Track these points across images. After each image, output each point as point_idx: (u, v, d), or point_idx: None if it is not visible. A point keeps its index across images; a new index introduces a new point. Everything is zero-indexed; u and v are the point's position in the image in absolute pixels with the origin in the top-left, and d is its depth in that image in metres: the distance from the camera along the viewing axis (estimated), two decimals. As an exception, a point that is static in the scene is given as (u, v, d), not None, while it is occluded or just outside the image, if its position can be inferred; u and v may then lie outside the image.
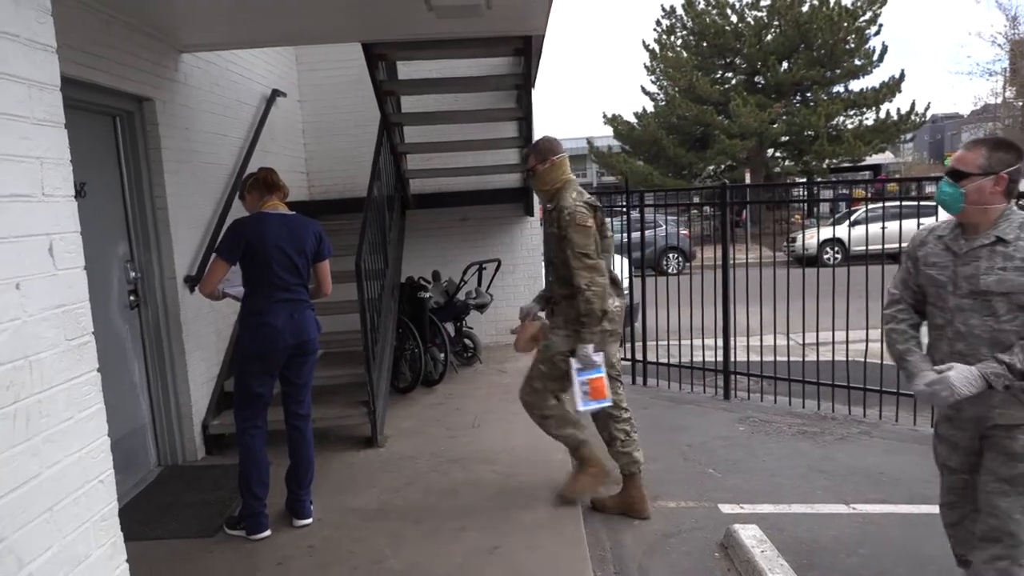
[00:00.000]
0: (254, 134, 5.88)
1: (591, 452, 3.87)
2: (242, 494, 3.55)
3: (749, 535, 3.41)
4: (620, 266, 7.87)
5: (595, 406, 3.64)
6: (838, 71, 22.25)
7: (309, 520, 3.66)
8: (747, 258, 6.05)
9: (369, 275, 4.92)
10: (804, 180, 20.74)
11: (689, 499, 4.09)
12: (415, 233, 7.34)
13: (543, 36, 5.02)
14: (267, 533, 3.55)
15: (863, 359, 5.63)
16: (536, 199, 7.41)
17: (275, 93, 6.44)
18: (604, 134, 26.48)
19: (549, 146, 3.73)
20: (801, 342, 6.17)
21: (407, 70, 6.54)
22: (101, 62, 3.87)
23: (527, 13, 4.42)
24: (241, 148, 5.69)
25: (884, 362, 5.45)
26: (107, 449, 2.01)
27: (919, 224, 2.88)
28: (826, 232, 15.95)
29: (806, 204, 15.73)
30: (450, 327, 6.72)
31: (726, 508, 3.96)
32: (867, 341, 5.51)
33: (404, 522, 3.63)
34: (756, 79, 23.49)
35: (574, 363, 3.57)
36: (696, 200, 10.27)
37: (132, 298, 4.30)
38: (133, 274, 4.34)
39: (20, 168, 1.73)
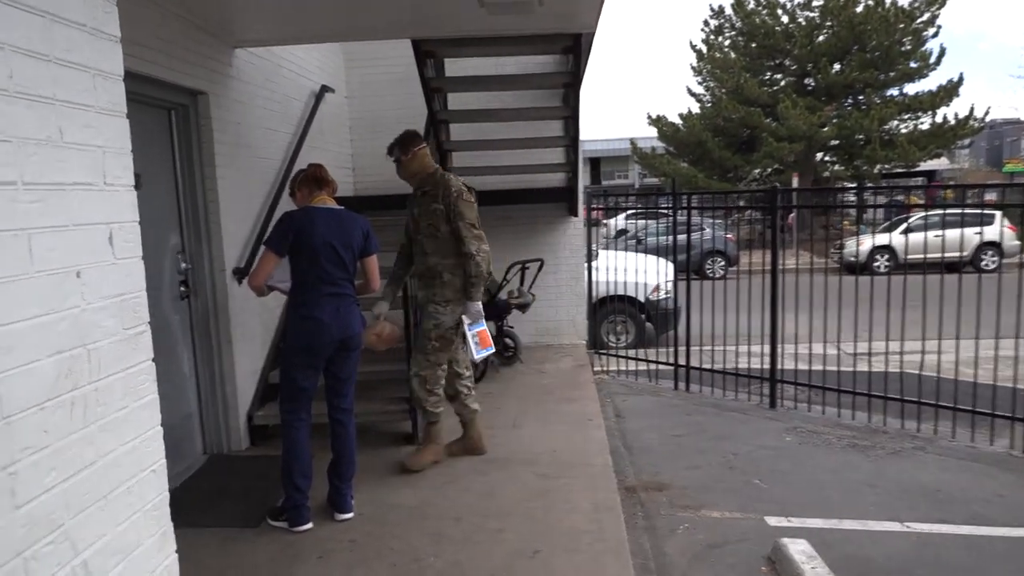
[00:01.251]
0: (303, 129, 5.94)
1: (439, 430, 4.40)
2: (285, 486, 3.56)
3: (798, 550, 3.30)
4: (664, 269, 7.78)
5: (486, 353, 4.30)
6: (893, 73, 21.64)
7: (350, 514, 3.67)
8: (797, 263, 5.89)
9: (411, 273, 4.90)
10: (854, 185, 20.20)
11: (734, 510, 3.99)
12: (459, 231, 7.33)
13: (593, 34, 4.95)
14: (309, 526, 3.55)
15: (918, 371, 5.43)
16: (581, 199, 7.34)
17: (324, 89, 6.49)
18: (648, 135, 26.23)
19: (412, 139, 4.21)
20: (850, 351, 6.00)
21: (454, 68, 6.52)
22: (158, 56, 3.93)
23: (578, 10, 4.36)
24: (290, 143, 5.74)
25: (940, 375, 5.31)
26: (160, 439, 2.02)
27: (976, 232, 2.74)
28: (877, 239, 15.53)
29: (857, 210, 15.31)
30: (491, 326, 6.68)
31: (773, 520, 3.85)
32: (923, 352, 5.31)
33: (444, 521, 3.60)
34: (806, 81, 23.01)
35: (466, 319, 4.15)
36: (743, 203, 10.08)
37: (183, 289, 4.37)
38: (184, 265, 4.40)
39: (83, 156, 1.74)
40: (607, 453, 4.50)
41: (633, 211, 14.98)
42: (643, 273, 7.48)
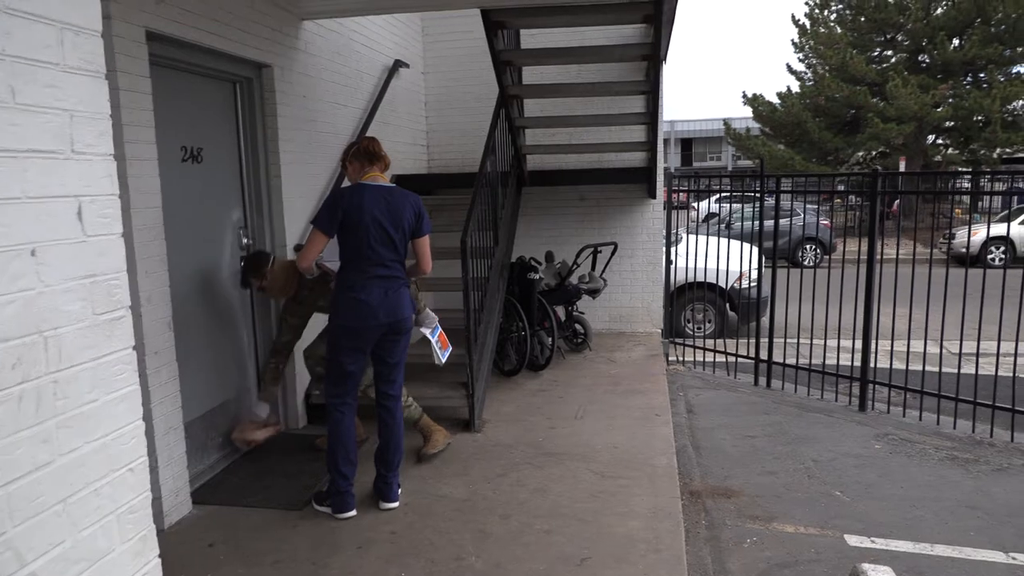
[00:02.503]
0: (373, 104, 5.83)
1: (427, 420, 4.22)
2: (329, 471, 3.47)
3: (881, 579, 2.93)
4: (749, 255, 7.31)
5: (448, 353, 4.14)
6: (1020, 49, 19.76)
7: (395, 504, 3.55)
8: (897, 253, 5.34)
9: (475, 253, 4.73)
10: (968, 170, 18.67)
11: (810, 524, 3.64)
12: (530, 211, 7.11)
13: (675, 2, 4.58)
14: (352, 513, 3.45)
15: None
16: (660, 180, 6.97)
17: (397, 64, 6.36)
18: (743, 115, 25.11)
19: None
20: (955, 351, 5.43)
21: (530, 41, 6.27)
22: (223, 28, 3.86)
23: (658, -26, 4.02)
24: (359, 118, 5.65)
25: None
26: (140, 434, 1.84)
27: None
28: (993, 229, 14.29)
29: (972, 197, 14.10)
30: (560, 311, 6.45)
31: (853, 540, 3.48)
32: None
33: (491, 517, 3.43)
34: (920, 57, 21.34)
35: (424, 330, 3.99)
36: (840, 188, 9.38)
37: (243, 264, 4.34)
38: (245, 240, 4.37)
39: (43, 120, 1.56)
40: (672, 452, 4.20)
41: (723, 194, 14.35)
42: (728, 260, 7.05)
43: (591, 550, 3.09)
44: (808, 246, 15.10)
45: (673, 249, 7.03)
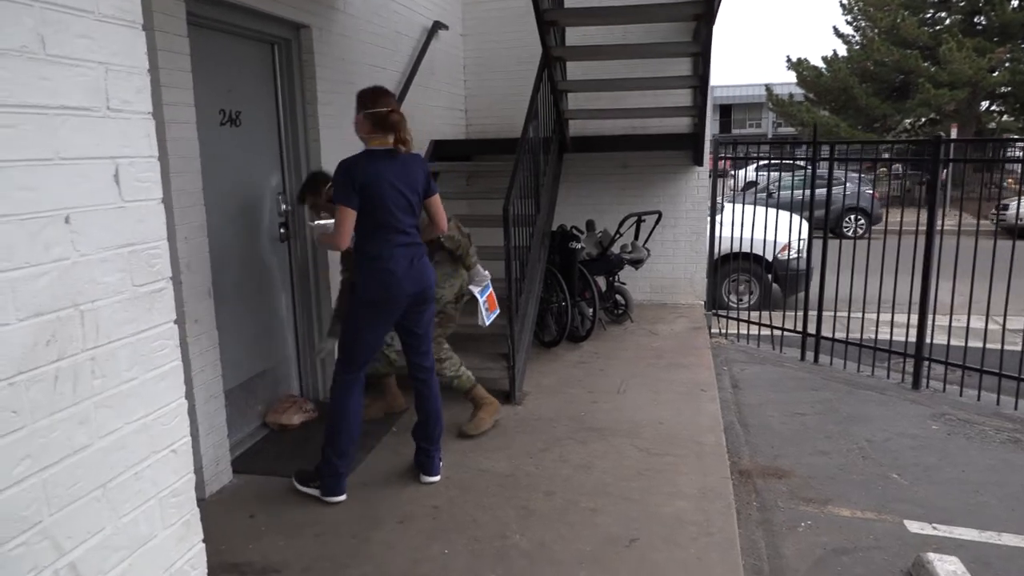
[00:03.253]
0: (412, 67, 5.67)
1: (481, 390, 4.11)
2: (324, 450, 3.28)
3: (949, 569, 2.78)
4: (797, 226, 7.06)
5: (495, 316, 4.14)
6: (1084, 10, 18.77)
7: (437, 477, 3.47)
8: (942, 224, 5.07)
9: (517, 221, 4.59)
10: (1019, 138, 17.87)
11: (867, 508, 3.48)
12: (571, 179, 6.92)
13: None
14: (343, 497, 3.29)
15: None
16: (708, 148, 6.71)
17: (436, 25, 6.17)
18: (784, 81, 24.36)
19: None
20: (1013, 327, 5.17)
21: (573, 1, 6.02)
22: (260, -15, 3.73)
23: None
24: (399, 82, 5.50)
25: None
26: (183, 413, 1.73)
27: None
28: (1050, 200, 13.67)
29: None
30: (602, 281, 6.29)
31: (914, 526, 3.32)
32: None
33: (535, 493, 3.33)
34: (977, 19, 20.37)
35: (474, 288, 4.04)
36: (892, 155, 8.99)
37: (282, 231, 4.26)
38: (284, 207, 4.28)
39: (76, 74, 1.42)
40: (720, 430, 4.06)
41: (765, 162, 13.93)
42: (772, 230, 6.80)
43: (639, 531, 2.99)
44: (852, 216, 14.62)
45: (716, 218, 6.81)
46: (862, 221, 14.54)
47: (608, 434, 4.01)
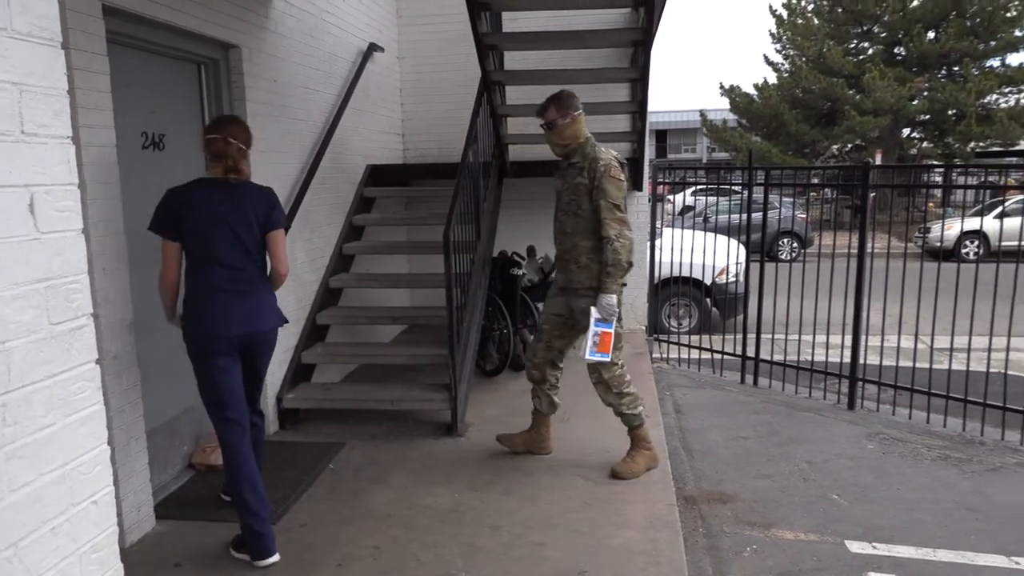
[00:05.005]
0: (348, 90, 5.57)
1: (646, 432, 3.89)
2: (237, 508, 2.97)
3: (890, 591, 2.80)
4: (733, 250, 7.18)
5: (599, 358, 3.64)
6: (994, 43, 19.91)
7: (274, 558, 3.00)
8: (873, 247, 5.23)
9: (458, 247, 4.52)
10: (945, 164, 18.81)
11: (810, 530, 3.50)
12: (511, 204, 6.88)
13: (668, -15, 4.39)
14: (274, 559, 2.95)
15: (1025, 375, 4.77)
16: (647, 171, 6.78)
17: (372, 47, 6.10)
18: (718, 107, 25.08)
19: (571, 101, 3.72)
20: (936, 347, 5.35)
21: (512, 24, 6.04)
22: (186, 4, 3.59)
23: (652, -46, 3.82)
24: (333, 104, 5.38)
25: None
26: (105, 460, 1.60)
27: None
28: (968, 224, 14.40)
29: (944, 191, 14.19)
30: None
31: (855, 546, 3.35)
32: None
33: (480, 529, 3.23)
34: (896, 50, 21.45)
35: (594, 312, 3.58)
36: (823, 181, 9.31)
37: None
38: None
39: None
40: (665, 456, 4.04)
41: (701, 187, 14.25)
42: (710, 254, 6.91)
43: (588, 563, 2.91)
44: (785, 240, 15.07)
45: (656, 243, 6.87)
46: (795, 244, 15.01)
47: (554, 464, 3.94)
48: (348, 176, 5.73)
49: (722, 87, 22.94)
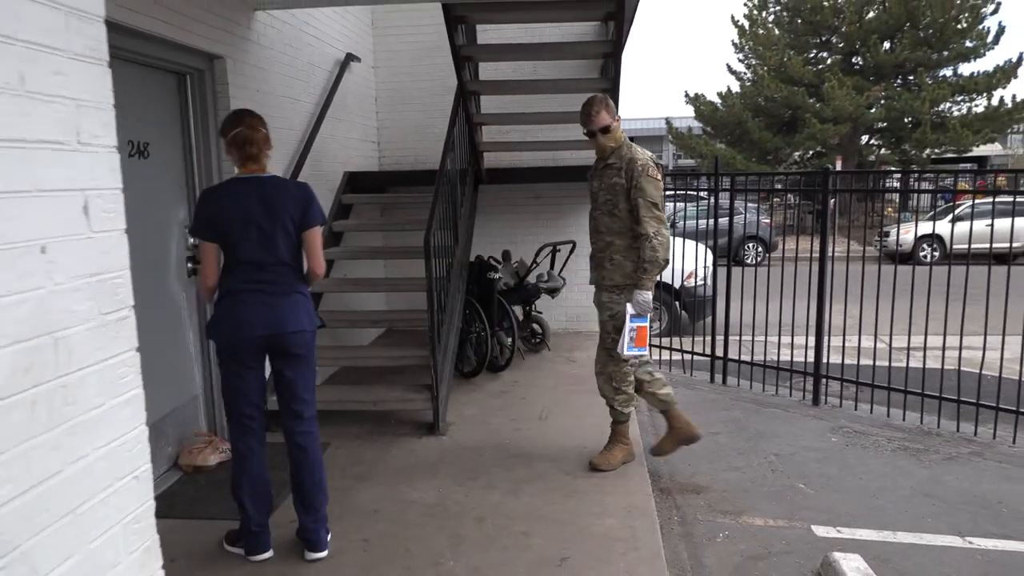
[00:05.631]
0: (326, 99, 5.67)
1: (627, 428, 4.05)
2: (236, 502, 3.03)
3: (852, 566, 2.99)
4: (700, 254, 7.41)
5: (637, 352, 3.79)
6: (946, 53, 20.69)
7: (324, 553, 3.09)
8: (834, 251, 5.49)
9: (438, 252, 4.64)
10: (901, 170, 19.44)
11: (778, 517, 3.69)
12: (486, 210, 7.04)
13: (637, 1, 4.59)
14: (269, 554, 3.04)
15: (977, 370, 5.02)
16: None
17: (349, 57, 6.21)
18: (684, 114, 25.55)
19: (610, 102, 3.85)
20: (897, 346, 5.62)
21: (486, 36, 6.20)
22: (173, 16, 3.68)
23: (623, -29, 4.01)
24: (312, 114, 5.49)
25: (1002, 375, 4.91)
26: (144, 440, 1.75)
27: None
28: (923, 227, 14.91)
29: (901, 196, 14.70)
30: (518, 311, 6.41)
31: (820, 531, 3.54)
32: (984, 349, 4.92)
33: (465, 521, 3.35)
34: (854, 60, 22.14)
35: (629, 308, 3.70)
36: (785, 187, 9.63)
37: (190, 265, 4.14)
38: (192, 241, 4.17)
39: (51, 109, 1.47)
40: (641, 451, 4.20)
41: (668, 193, 14.53)
42: (678, 258, 7.12)
43: (570, 550, 3.06)
44: (750, 244, 15.44)
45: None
46: (760, 249, 15.39)
47: (534, 460, 4.08)
48: (327, 183, 5.83)
49: (687, 95, 23.38)
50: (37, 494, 1.44)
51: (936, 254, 14.81)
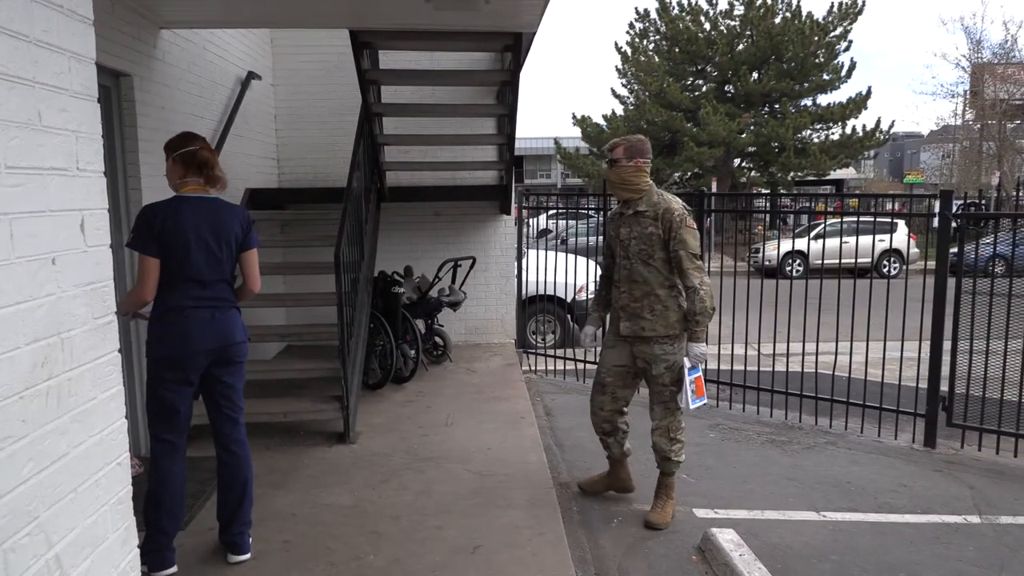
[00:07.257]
0: (229, 117, 5.73)
1: (627, 465, 4.22)
2: (146, 519, 2.97)
3: (727, 539, 3.43)
4: (591, 269, 7.90)
5: (700, 403, 3.84)
6: (807, 84, 22.69)
7: (247, 555, 3.20)
8: (710, 266, 6.11)
9: (346, 267, 4.83)
10: (768, 192, 21.09)
11: (664, 503, 4.10)
12: (388, 226, 7.24)
13: (534, 33, 4.99)
14: (172, 571, 3.03)
15: (831, 372, 5.71)
16: (515, 198, 7.37)
17: (250, 76, 6.28)
18: (572, 135, 26.55)
19: (642, 147, 3.78)
20: (767, 352, 6.27)
21: (387, 59, 6.44)
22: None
23: (522, 10, 4.38)
24: (215, 130, 5.53)
25: (851, 375, 5.62)
26: (124, 431, 2.01)
27: (884, 240, 2.89)
28: (789, 244, 16.23)
29: (772, 215, 16.04)
30: (421, 324, 6.64)
31: (701, 513, 3.99)
32: (836, 354, 5.61)
33: (382, 519, 3.56)
34: (727, 88, 23.82)
35: (687, 362, 3.72)
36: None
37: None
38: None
39: (58, 140, 1.73)
40: (541, 451, 4.55)
41: (557, 211, 15.12)
42: (570, 273, 7.59)
43: (481, 539, 3.34)
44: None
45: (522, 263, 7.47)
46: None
47: (442, 462, 4.33)
48: (230, 200, 5.84)
49: (574, 117, 24.37)
50: (51, 472, 1.68)
51: (800, 268, 16.18)
